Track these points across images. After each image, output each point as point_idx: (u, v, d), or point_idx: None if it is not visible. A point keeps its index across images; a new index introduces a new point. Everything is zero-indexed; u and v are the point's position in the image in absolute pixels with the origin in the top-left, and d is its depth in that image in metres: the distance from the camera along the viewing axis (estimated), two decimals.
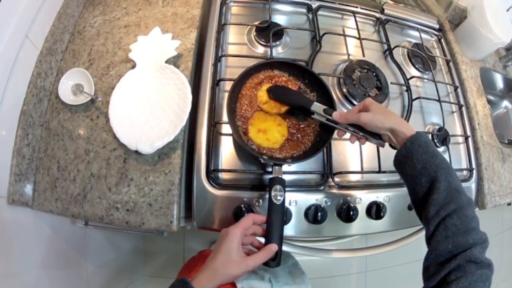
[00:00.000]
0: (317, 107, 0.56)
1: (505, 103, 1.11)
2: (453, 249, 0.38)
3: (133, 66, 0.67)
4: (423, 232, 0.77)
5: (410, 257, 1.47)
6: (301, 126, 0.61)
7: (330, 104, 0.60)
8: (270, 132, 0.60)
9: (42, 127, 0.66)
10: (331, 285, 1.49)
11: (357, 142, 0.55)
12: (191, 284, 0.41)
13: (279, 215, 0.50)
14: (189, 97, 0.62)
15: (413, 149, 0.46)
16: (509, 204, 0.93)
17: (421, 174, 0.44)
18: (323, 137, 0.59)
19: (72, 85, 0.66)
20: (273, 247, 0.47)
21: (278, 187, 0.51)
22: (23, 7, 0.59)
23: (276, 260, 0.48)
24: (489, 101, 1.07)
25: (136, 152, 0.62)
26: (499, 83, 1.06)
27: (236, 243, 0.44)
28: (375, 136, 0.51)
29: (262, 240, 0.49)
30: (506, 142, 1.00)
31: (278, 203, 0.50)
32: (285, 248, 0.68)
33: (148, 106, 0.63)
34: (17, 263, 0.63)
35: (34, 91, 0.63)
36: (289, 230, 0.61)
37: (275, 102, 0.60)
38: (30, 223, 0.67)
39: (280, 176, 0.53)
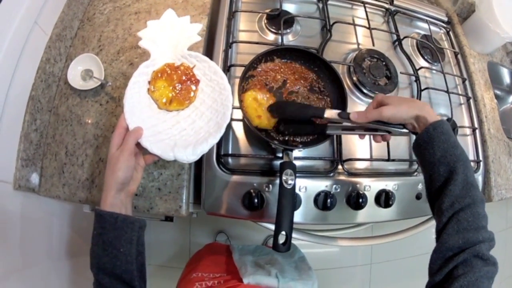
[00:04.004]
0: (331, 113, 0.51)
1: None
2: (463, 244, 0.38)
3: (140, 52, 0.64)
4: (428, 224, 0.78)
5: (415, 250, 1.47)
6: None
7: (340, 91, 0.60)
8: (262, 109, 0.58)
9: (50, 113, 0.66)
10: (336, 276, 1.49)
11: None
12: (99, 208, 0.43)
13: (289, 199, 0.50)
14: (228, 87, 0.52)
15: (435, 135, 0.44)
16: None
17: (440, 162, 0.44)
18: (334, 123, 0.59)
19: (81, 70, 0.65)
20: (139, 128, 0.47)
21: (289, 171, 0.51)
22: None
23: (286, 244, 0.47)
24: (496, 96, 1.07)
25: None
26: (506, 78, 1.06)
27: (113, 150, 0.46)
28: (399, 126, 0.48)
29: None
30: None
31: (289, 187, 0.50)
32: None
33: None
34: (23, 252, 0.63)
35: (42, 76, 0.63)
36: (298, 216, 0.61)
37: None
38: (36, 209, 0.67)
39: (291, 161, 0.53)
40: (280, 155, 0.59)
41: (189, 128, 0.52)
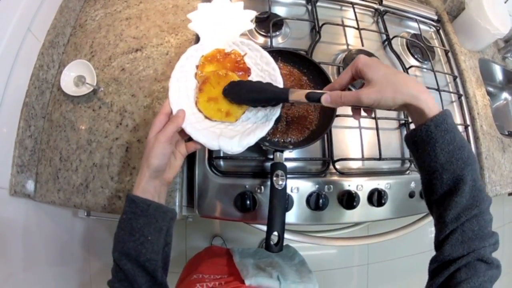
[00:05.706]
0: (297, 95, 0.44)
1: (505, 94, 1.11)
2: (466, 253, 0.36)
3: (137, 51, 0.64)
4: (424, 222, 0.78)
5: (411, 249, 1.47)
6: (301, 112, 0.61)
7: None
8: (222, 101, 0.49)
9: (44, 119, 0.67)
10: (334, 278, 1.49)
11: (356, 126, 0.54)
12: (132, 193, 0.43)
13: (281, 200, 0.50)
14: (280, 80, 0.49)
15: (438, 136, 0.36)
16: (510, 194, 0.93)
17: (444, 169, 0.36)
18: (324, 123, 0.59)
19: (74, 77, 0.66)
20: (181, 112, 0.45)
21: (279, 172, 0.51)
22: (25, 0, 0.60)
23: (278, 245, 0.48)
24: (488, 93, 1.08)
25: (139, 141, 0.63)
26: (498, 74, 1.07)
27: (150, 136, 0.44)
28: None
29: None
30: (506, 133, 1.00)
31: (280, 188, 0.50)
32: (288, 236, 0.68)
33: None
34: (20, 256, 0.63)
35: (36, 83, 0.64)
36: (290, 217, 0.61)
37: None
38: (32, 216, 0.68)
39: (281, 162, 0.53)
40: (271, 156, 0.60)
41: None
